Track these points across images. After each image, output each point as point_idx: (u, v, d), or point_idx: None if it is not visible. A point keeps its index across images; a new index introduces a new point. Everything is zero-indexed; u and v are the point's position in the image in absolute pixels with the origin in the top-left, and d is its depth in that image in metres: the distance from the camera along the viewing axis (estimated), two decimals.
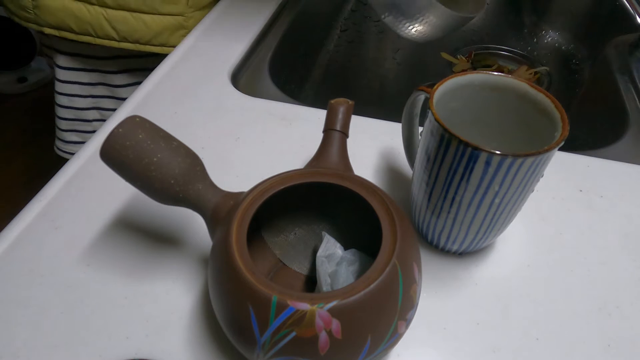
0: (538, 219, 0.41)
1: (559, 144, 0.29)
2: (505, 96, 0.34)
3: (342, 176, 0.31)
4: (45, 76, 1.92)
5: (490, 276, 0.36)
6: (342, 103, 0.36)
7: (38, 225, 0.39)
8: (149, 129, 0.30)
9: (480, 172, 0.29)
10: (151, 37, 0.66)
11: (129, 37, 0.66)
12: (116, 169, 0.30)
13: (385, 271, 0.25)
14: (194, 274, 0.36)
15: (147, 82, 0.54)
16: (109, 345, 0.32)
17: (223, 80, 0.55)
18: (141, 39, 0.66)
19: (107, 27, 0.65)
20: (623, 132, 0.51)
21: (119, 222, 0.40)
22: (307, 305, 0.24)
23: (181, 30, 0.67)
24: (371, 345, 0.25)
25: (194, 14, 0.67)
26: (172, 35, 0.67)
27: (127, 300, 0.34)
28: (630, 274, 0.37)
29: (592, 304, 0.35)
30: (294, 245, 0.37)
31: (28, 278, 0.36)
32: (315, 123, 0.49)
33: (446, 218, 0.33)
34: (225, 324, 0.27)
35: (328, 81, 0.79)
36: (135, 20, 0.64)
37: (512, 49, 0.81)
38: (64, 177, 0.43)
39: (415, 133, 0.39)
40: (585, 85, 0.71)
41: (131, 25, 0.65)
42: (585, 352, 0.32)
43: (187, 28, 0.67)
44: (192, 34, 0.62)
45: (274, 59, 0.62)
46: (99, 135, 0.47)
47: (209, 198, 0.30)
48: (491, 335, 0.33)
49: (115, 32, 0.65)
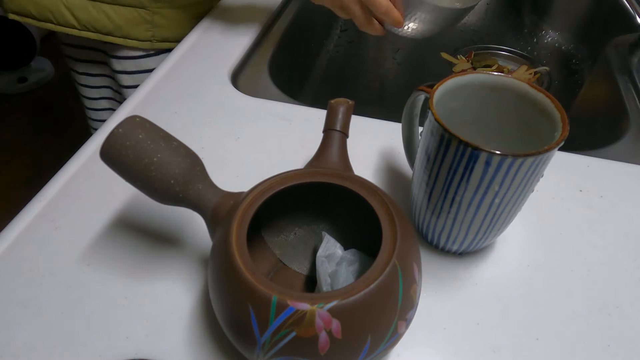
0: (538, 219, 0.41)
1: (559, 144, 0.29)
2: (505, 96, 0.34)
3: (342, 176, 0.31)
4: (45, 76, 1.92)
5: (490, 276, 0.36)
6: (342, 103, 0.36)
7: (38, 225, 0.39)
8: (149, 129, 0.30)
9: (480, 172, 0.29)
10: (113, 29, 0.65)
11: (89, 27, 0.65)
12: (116, 169, 0.30)
13: (385, 271, 0.25)
14: (194, 274, 0.36)
15: (147, 82, 0.54)
16: (109, 345, 0.32)
17: (223, 80, 0.55)
18: (102, 29, 0.65)
19: (67, 15, 0.64)
20: (623, 132, 0.51)
21: (119, 222, 0.40)
22: (307, 305, 0.24)
23: (145, 24, 0.65)
24: (371, 345, 0.25)
25: (161, 10, 0.65)
26: (135, 29, 0.65)
27: (127, 300, 0.34)
28: (630, 274, 0.37)
29: (592, 304, 0.35)
30: (294, 245, 0.37)
31: (28, 278, 0.36)
32: (315, 123, 0.49)
33: (446, 218, 0.33)
34: (225, 324, 0.27)
35: (328, 81, 0.79)
36: (95, 10, 0.63)
37: (512, 49, 0.81)
38: (64, 177, 0.43)
39: (415, 133, 0.39)
40: (585, 85, 0.71)
41: (91, 14, 0.64)
42: (585, 352, 0.32)
43: (153, 24, 0.65)
44: (192, 34, 0.62)
45: (274, 59, 0.62)
46: (99, 135, 0.47)
47: (209, 198, 0.30)
48: (491, 335, 0.33)
49: (75, 21, 0.64)
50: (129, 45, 0.66)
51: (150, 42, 0.67)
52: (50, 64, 1.97)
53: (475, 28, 0.86)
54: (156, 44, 0.68)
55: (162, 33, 0.67)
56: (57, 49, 0.88)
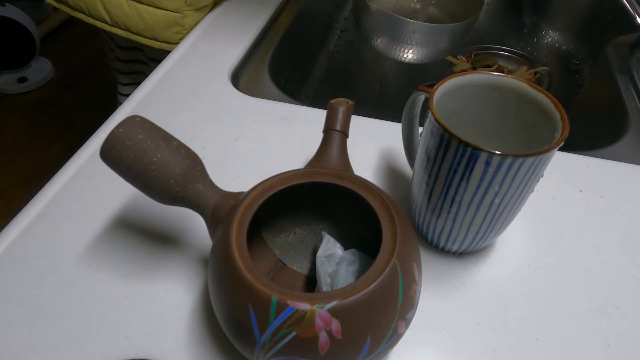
0: (538, 219, 0.41)
1: (559, 144, 0.29)
2: (505, 96, 0.34)
3: (342, 176, 0.31)
4: (45, 76, 1.92)
5: (490, 276, 0.36)
6: (342, 103, 0.36)
7: (38, 225, 0.39)
8: (149, 129, 0.30)
9: (480, 172, 0.29)
10: (143, 29, 0.65)
11: (120, 24, 0.65)
12: (116, 169, 0.30)
13: (385, 271, 0.25)
14: (194, 274, 0.36)
15: (147, 82, 0.54)
16: (109, 345, 0.32)
17: (223, 80, 0.55)
18: (132, 27, 0.65)
19: (100, 9, 0.64)
20: (623, 132, 0.51)
21: (119, 222, 0.40)
22: (307, 305, 0.24)
23: (175, 27, 0.66)
24: (371, 345, 0.25)
25: (190, 12, 0.66)
26: (166, 31, 0.66)
27: (127, 300, 0.34)
28: (630, 274, 0.37)
29: (592, 304, 0.35)
30: (294, 245, 0.37)
31: (28, 278, 0.36)
32: (315, 123, 0.49)
33: (446, 218, 0.33)
34: (225, 324, 0.27)
35: (328, 81, 0.79)
36: (129, 8, 0.64)
37: (512, 49, 0.81)
38: (64, 177, 0.43)
39: (415, 133, 0.39)
40: (585, 85, 0.71)
41: (125, 12, 0.64)
42: (585, 352, 0.32)
43: (182, 26, 0.66)
44: (192, 34, 0.62)
45: (274, 59, 0.62)
46: (99, 135, 0.47)
47: (209, 198, 0.30)
48: (491, 335, 0.33)
49: (107, 15, 0.65)
50: (155, 47, 0.67)
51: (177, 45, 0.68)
52: (50, 64, 1.97)
53: (475, 28, 0.86)
54: None
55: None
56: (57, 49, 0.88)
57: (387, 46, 0.63)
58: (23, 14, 1.79)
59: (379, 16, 0.61)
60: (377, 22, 0.62)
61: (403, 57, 0.63)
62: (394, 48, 0.63)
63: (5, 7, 1.75)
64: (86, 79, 1.97)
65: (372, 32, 0.64)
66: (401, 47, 0.63)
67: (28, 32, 1.80)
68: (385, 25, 0.61)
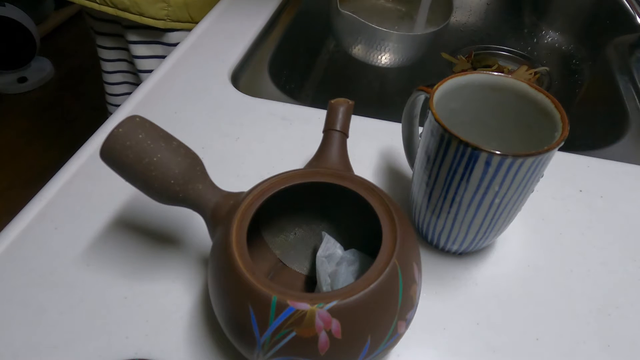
0: (538, 219, 0.41)
1: (559, 144, 0.29)
2: (505, 96, 0.34)
3: (342, 176, 0.31)
4: (45, 76, 1.92)
5: (490, 276, 0.36)
6: (342, 103, 0.36)
7: (38, 225, 0.39)
8: (149, 128, 0.30)
9: (480, 172, 0.29)
10: (129, 5, 0.67)
11: (108, 1, 0.67)
12: (116, 169, 0.30)
13: (385, 271, 0.25)
14: (194, 274, 0.36)
15: (147, 82, 0.54)
16: (109, 345, 0.32)
17: (223, 80, 0.55)
18: (120, 4, 0.67)
19: None
20: (623, 132, 0.51)
21: (119, 222, 0.40)
22: (307, 305, 0.24)
23: (160, 3, 0.67)
24: (371, 345, 0.25)
25: None
26: (151, 7, 0.67)
27: (127, 300, 0.34)
28: (630, 274, 0.37)
29: (592, 304, 0.35)
30: (294, 245, 0.37)
31: (28, 278, 0.36)
32: (315, 123, 0.49)
33: (446, 218, 0.33)
34: (225, 324, 0.27)
35: (328, 81, 0.79)
36: None
37: (512, 49, 0.81)
38: (64, 177, 0.43)
39: (415, 133, 0.39)
40: (585, 85, 0.71)
41: None
42: (585, 352, 0.32)
43: (168, 3, 0.68)
44: (192, 34, 0.62)
45: (274, 59, 0.62)
46: (99, 135, 0.47)
47: (209, 198, 0.30)
48: (491, 335, 0.33)
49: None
50: (144, 22, 0.68)
51: (164, 22, 0.69)
52: (50, 64, 1.97)
53: (475, 28, 0.86)
54: (169, 23, 0.70)
55: (176, 13, 0.69)
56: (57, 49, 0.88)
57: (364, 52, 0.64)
58: (23, 14, 1.79)
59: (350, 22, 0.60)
60: (349, 28, 0.62)
61: (377, 62, 0.63)
62: (369, 54, 0.63)
63: (5, 7, 1.75)
64: (86, 79, 1.97)
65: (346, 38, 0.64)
66: (375, 53, 0.63)
67: (28, 32, 1.81)
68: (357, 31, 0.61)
